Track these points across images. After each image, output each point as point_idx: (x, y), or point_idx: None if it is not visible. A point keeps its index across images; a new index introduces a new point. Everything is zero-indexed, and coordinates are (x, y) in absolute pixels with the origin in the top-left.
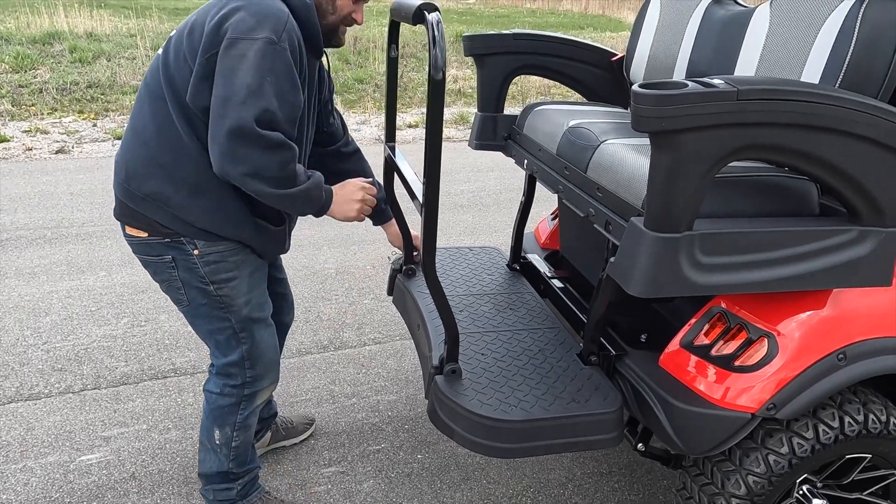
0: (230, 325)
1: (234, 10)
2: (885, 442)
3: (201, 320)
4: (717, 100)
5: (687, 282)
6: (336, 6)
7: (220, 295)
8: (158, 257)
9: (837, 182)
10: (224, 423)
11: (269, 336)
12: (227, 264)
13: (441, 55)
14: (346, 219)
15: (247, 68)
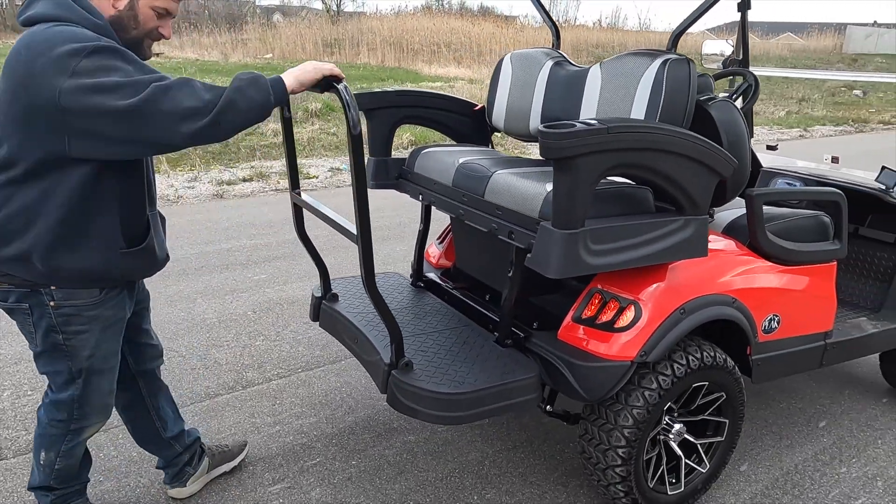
0: (68, 370)
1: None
2: (715, 371)
3: (46, 361)
4: (596, 134)
5: (585, 264)
6: (140, 21)
7: (66, 344)
8: (17, 304)
9: (669, 186)
10: (49, 448)
11: (107, 383)
12: (78, 318)
13: (355, 114)
14: (313, 79)
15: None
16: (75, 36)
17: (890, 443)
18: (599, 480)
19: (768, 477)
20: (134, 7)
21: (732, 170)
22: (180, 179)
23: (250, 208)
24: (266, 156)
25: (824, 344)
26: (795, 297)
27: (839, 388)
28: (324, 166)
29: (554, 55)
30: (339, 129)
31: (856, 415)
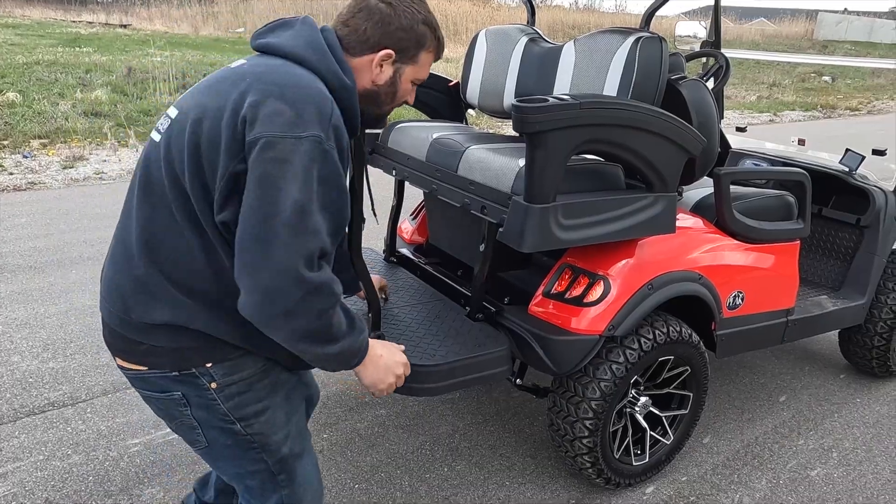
0: (266, 468)
1: (265, 95)
2: (680, 346)
3: (226, 462)
4: (568, 109)
5: (556, 238)
6: (397, 96)
7: (248, 434)
8: (164, 394)
9: (639, 163)
10: None
11: (312, 467)
12: (253, 394)
13: None
14: (370, 386)
15: (292, 178)
16: (320, 105)
17: (846, 416)
18: (567, 452)
19: (729, 449)
20: (396, 83)
21: (701, 148)
22: None
23: None
24: None
25: (786, 321)
26: (759, 275)
27: (799, 364)
28: None
29: (528, 32)
30: None
31: (814, 390)
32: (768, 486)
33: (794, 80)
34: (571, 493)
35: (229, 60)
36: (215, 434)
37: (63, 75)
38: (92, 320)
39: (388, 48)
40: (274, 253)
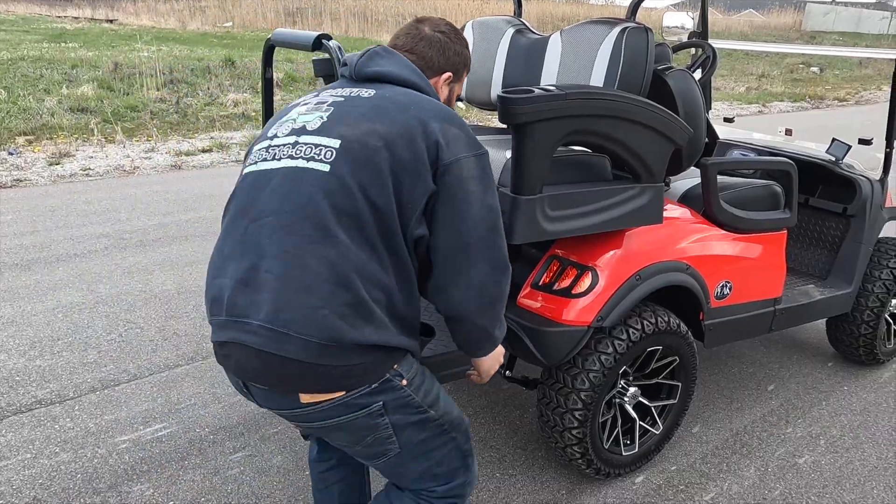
0: (457, 446)
1: (441, 121)
2: (668, 336)
3: (416, 462)
4: (554, 100)
5: (543, 230)
6: (451, 97)
7: (439, 417)
8: (363, 410)
9: (625, 153)
10: None
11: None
12: (428, 380)
13: None
14: (488, 370)
15: (485, 188)
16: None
17: (833, 404)
18: (557, 443)
19: (718, 438)
20: (450, 101)
21: (688, 138)
22: (136, 150)
23: (209, 179)
24: (226, 126)
25: (774, 310)
26: (747, 265)
27: (787, 353)
28: None
29: (515, 23)
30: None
31: (802, 378)
32: (756, 473)
33: (783, 71)
34: (562, 483)
35: (217, 55)
36: (410, 432)
37: (48, 71)
38: (79, 317)
39: (448, 71)
40: (487, 252)
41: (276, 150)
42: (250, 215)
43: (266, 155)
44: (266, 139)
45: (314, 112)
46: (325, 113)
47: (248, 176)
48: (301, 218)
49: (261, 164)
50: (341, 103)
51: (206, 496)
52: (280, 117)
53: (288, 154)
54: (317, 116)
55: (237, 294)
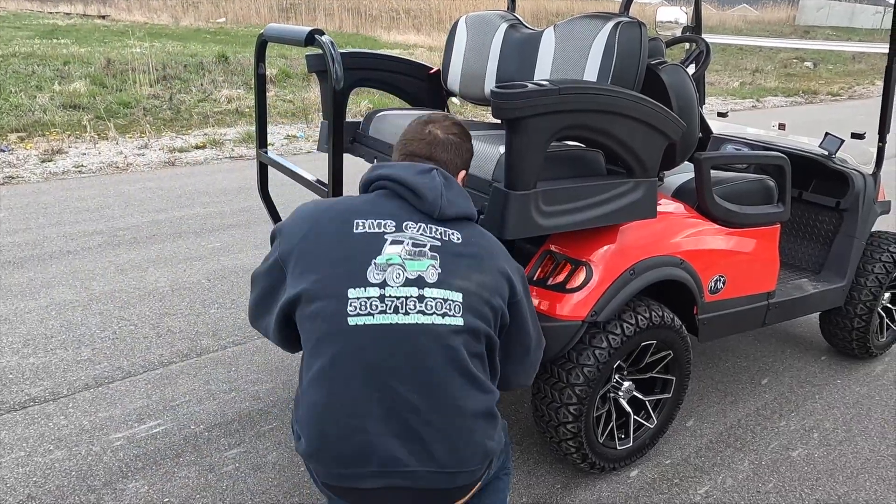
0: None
1: (508, 264)
2: (663, 330)
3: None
4: (547, 95)
5: (536, 225)
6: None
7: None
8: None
9: (619, 148)
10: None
11: None
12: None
13: (339, 69)
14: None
15: (530, 302)
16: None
17: (826, 397)
18: (552, 438)
19: (713, 431)
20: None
21: (681, 133)
22: (130, 147)
23: (203, 176)
24: (220, 123)
25: (767, 304)
26: (740, 259)
27: (781, 346)
28: (280, 133)
29: (509, 18)
30: (296, 96)
31: (796, 372)
32: (750, 467)
33: (777, 66)
34: (557, 477)
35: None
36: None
37: (40, 67)
38: (72, 315)
39: (464, 169)
40: (539, 348)
41: (398, 303)
42: (391, 372)
43: (384, 307)
44: (371, 285)
45: (421, 259)
46: (434, 262)
47: (369, 329)
48: (448, 370)
49: (381, 316)
50: (442, 249)
51: (202, 493)
52: (364, 249)
53: (418, 309)
54: (428, 265)
55: (395, 448)
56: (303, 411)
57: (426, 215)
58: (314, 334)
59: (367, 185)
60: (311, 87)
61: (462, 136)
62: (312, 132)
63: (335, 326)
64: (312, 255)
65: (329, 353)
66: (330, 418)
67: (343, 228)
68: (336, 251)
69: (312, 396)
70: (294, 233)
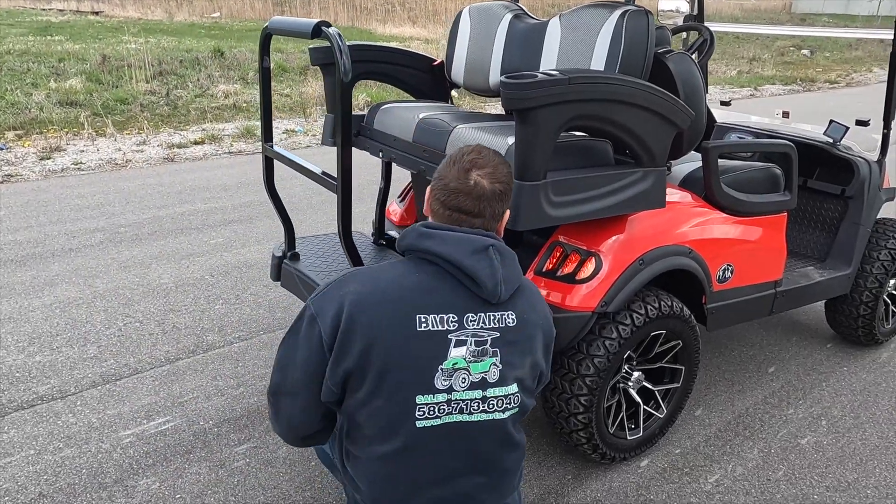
0: None
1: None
2: (672, 320)
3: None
4: (557, 84)
5: (547, 215)
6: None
7: None
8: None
9: (628, 137)
10: None
11: None
12: None
13: (347, 61)
14: None
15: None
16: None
17: (833, 385)
18: (562, 428)
19: (721, 420)
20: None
21: (690, 122)
22: (128, 143)
23: (203, 171)
24: (218, 118)
25: (774, 292)
26: (748, 248)
27: (787, 335)
28: (278, 128)
29: (513, 8)
30: (292, 90)
31: (802, 360)
32: (760, 455)
33: (774, 55)
34: (567, 468)
35: (206, 46)
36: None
37: (35, 65)
38: (77, 312)
39: (508, 209)
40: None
41: (463, 405)
42: (450, 459)
43: (450, 409)
44: (439, 392)
45: (483, 360)
46: (495, 359)
47: (435, 429)
48: (499, 448)
49: (447, 417)
50: (500, 340)
51: (213, 489)
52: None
53: (481, 409)
54: (490, 364)
55: None
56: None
57: (484, 301)
58: (375, 424)
59: (411, 252)
60: (307, 82)
61: (509, 179)
62: (311, 126)
63: (401, 425)
64: (375, 351)
65: (394, 444)
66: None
67: (405, 327)
68: (400, 353)
69: (384, 470)
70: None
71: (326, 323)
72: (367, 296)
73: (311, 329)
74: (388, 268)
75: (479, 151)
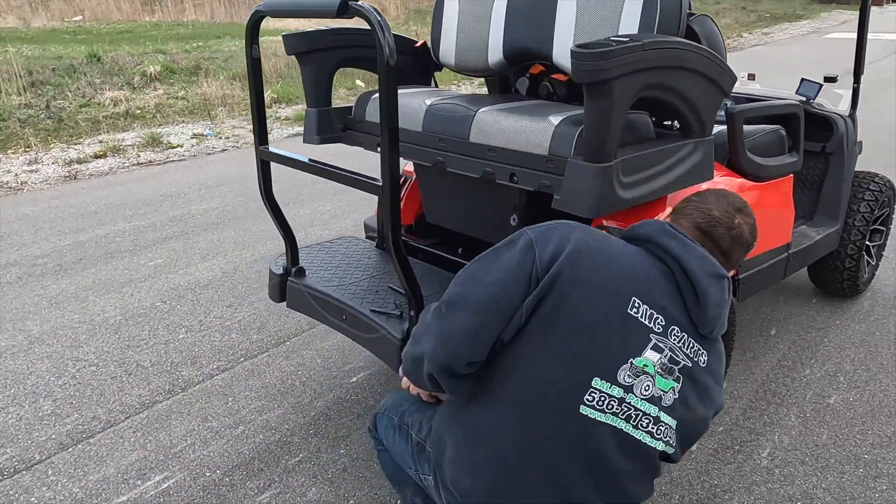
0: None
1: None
2: None
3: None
4: (632, 52)
5: (619, 199)
6: None
7: None
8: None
9: (683, 106)
10: None
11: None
12: None
13: (391, 39)
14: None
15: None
16: None
17: (834, 340)
18: None
19: (748, 391)
20: None
21: (733, 86)
22: (17, 163)
23: (115, 188)
24: (113, 127)
25: (787, 255)
26: (767, 213)
27: (773, 296)
28: (184, 133)
29: None
30: (188, 93)
31: (797, 318)
32: (798, 421)
33: None
34: None
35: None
36: None
37: None
38: (14, 364)
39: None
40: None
41: (632, 413)
42: (585, 469)
43: (618, 410)
44: (617, 385)
45: (668, 378)
46: (676, 385)
47: (595, 425)
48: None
49: (612, 418)
50: (688, 373)
51: None
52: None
53: (648, 428)
54: (671, 387)
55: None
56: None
57: (693, 325)
58: (532, 390)
59: (646, 242)
60: (201, 82)
61: (755, 235)
62: (220, 129)
63: (563, 403)
64: (575, 307)
65: (544, 422)
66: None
67: (618, 302)
68: (602, 324)
69: (501, 451)
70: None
71: (545, 255)
72: (594, 251)
73: (525, 254)
74: (621, 242)
75: (744, 201)
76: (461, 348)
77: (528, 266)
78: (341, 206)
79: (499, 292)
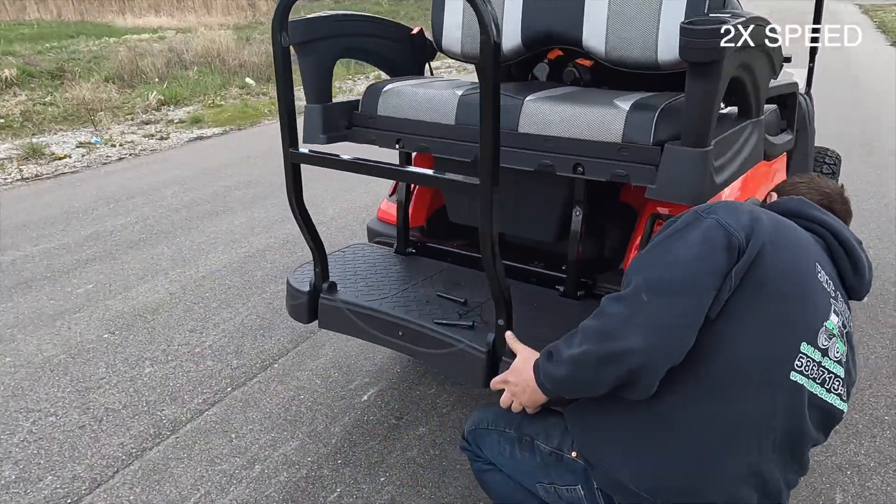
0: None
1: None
2: None
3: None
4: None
5: (714, 185)
6: None
7: None
8: None
9: (751, 86)
10: None
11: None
12: None
13: (494, 16)
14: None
15: None
16: None
17: None
18: None
19: None
20: None
21: (782, 68)
22: None
23: (6, 207)
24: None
25: None
26: None
27: None
28: (67, 143)
29: None
30: (56, 97)
31: None
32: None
33: None
34: None
35: None
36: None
37: None
38: None
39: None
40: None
41: (827, 376)
42: (779, 435)
43: (816, 375)
44: (819, 349)
45: (842, 341)
46: (845, 349)
47: (801, 392)
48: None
49: (812, 384)
50: (849, 337)
51: None
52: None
53: (838, 391)
54: (844, 350)
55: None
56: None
57: (846, 292)
58: (735, 369)
59: (795, 217)
60: (67, 86)
61: None
62: (108, 136)
63: (775, 374)
64: (782, 273)
65: (753, 397)
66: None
67: (807, 269)
68: (803, 288)
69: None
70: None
71: (739, 227)
72: (777, 220)
73: (715, 231)
74: (782, 218)
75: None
76: (673, 337)
77: (723, 241)
78: (277, 211)
79: (692, 275)
